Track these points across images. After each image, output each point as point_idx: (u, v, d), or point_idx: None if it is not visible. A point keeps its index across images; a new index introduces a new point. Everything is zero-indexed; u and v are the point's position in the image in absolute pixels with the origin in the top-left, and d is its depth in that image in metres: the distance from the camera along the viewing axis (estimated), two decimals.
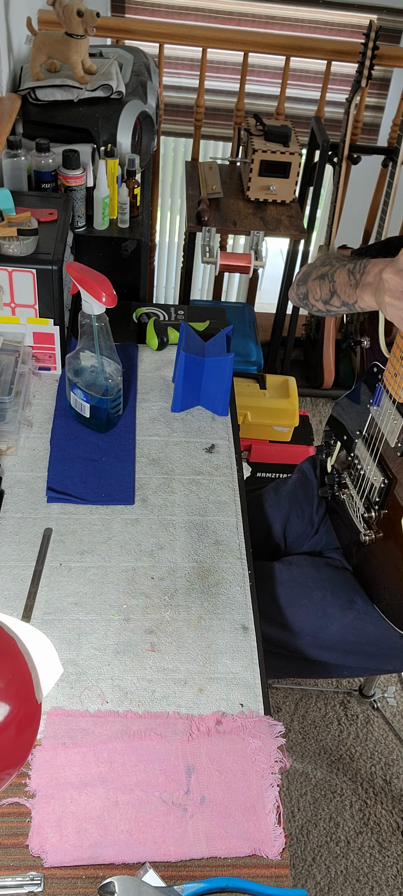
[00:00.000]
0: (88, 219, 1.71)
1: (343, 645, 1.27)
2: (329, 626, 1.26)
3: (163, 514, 1.19)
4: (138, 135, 1.84)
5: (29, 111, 1.76)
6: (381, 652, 1.27)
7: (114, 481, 1.23)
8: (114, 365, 1.28)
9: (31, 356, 1.38)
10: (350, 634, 1.25)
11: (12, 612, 1.03)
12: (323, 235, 2.74)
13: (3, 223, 1.28)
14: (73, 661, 0.98)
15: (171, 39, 2.43)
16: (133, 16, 2.95)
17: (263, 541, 1.43)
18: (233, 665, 1.00)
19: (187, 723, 0.92)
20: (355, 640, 1.26)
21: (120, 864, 0.80)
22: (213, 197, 2.35)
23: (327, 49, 2.39)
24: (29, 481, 1.22)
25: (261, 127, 2.35)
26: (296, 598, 1.28)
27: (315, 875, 1.67)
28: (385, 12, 2.97)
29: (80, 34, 1.72)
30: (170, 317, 1.59)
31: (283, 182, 2.34)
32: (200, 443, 1.33)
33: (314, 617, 1.26)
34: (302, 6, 2.95)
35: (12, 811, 0.83)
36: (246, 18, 2.99)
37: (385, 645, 1.26)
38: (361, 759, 1.88)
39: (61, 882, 0.78)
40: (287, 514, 1.44)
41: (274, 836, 0.83)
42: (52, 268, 1.29)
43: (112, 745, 0.89)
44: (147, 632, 1.02)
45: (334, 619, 1.25)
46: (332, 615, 1.25)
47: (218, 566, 1.12)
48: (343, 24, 3.00)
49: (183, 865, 0.80)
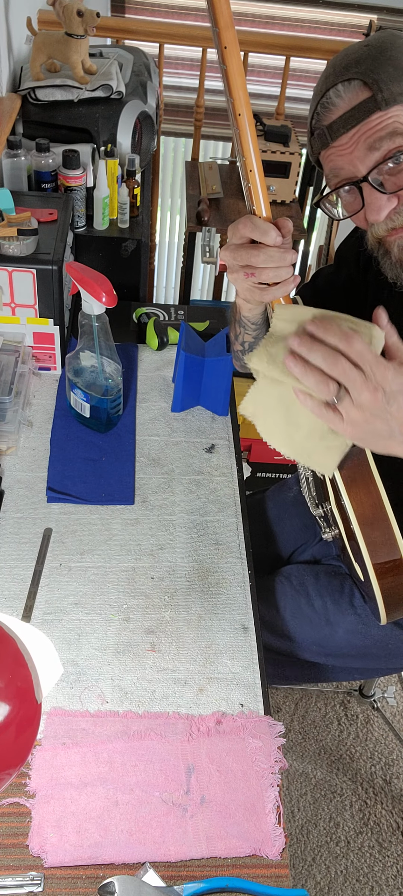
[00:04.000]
0: (88, 219, 1.71)
1: (350, 650, 1.27)
2: (333, 634, 1.25)
3: (163, 514, 1.19)
4: (138, 135, 1.84)
5: (29, 111, 1.76)
6: (387, 652, 1.27)
7: (114, 481, 1.23)
8: (114, 365, 1.28)
9: (31, 356, 1.38)
10: (356, 639, 1.24)
11: (12, 612, 1.03)
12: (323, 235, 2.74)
13: (3, 223, 1.28)
14: (73, 661, 0.98)
15: (171, 39, 2.42)
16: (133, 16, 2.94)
17: (264, 551, 1.43)
18: (233, 665, 1.00)
19: (187, 723, 0.92)
20: (361, 645, 1.25)
21: (120, 864, 0.80)
22: (213, 197, 2.35)
23: (327, 49, 2.38)
24: (29, 481, 1.21)
25: (261, 127, 2.35)
26: (299, 608, 1.27)
27: (315, 875, 1.67)
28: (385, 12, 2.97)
29: (80, 34, 1.72)
30: (170, 317, 1.59)
31: (283, 182, 2.34)
32: (200, 443, 1.33)
33: (318, 626, 1.26)
34: (302, 6, 2.95)
35: (12, 811, 0.83)
36: (246, 18, 2.98)
37: (391, 644, 1.25)
38: (361, 759, 1.88)
39: (61, 882, 0.78)
40: (287, 524, 1.44)
41: (274, 836, 0.83)
42: (52, 268, 1.29)
43: (112, 745, 0.89)
44: (147, 632, 1.02)
45: (338, 626, 1.25)
46: (335, 622, 1.25)
47: (218, 566, 1.12)
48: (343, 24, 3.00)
49: (183, 865, 0.80)
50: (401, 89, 0.87)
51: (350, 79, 0.89)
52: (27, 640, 0.86)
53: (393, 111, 0.88)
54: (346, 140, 0.91)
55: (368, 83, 0.88)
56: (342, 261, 1.22)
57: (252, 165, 0.79)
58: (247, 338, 1.13)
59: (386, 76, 0.87)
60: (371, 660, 1.30)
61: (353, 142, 0.91)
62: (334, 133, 0.92)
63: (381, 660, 1.29)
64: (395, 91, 0.87)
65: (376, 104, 0.88)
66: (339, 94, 0.91)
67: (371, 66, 0.88)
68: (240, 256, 0.85)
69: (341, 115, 0.91)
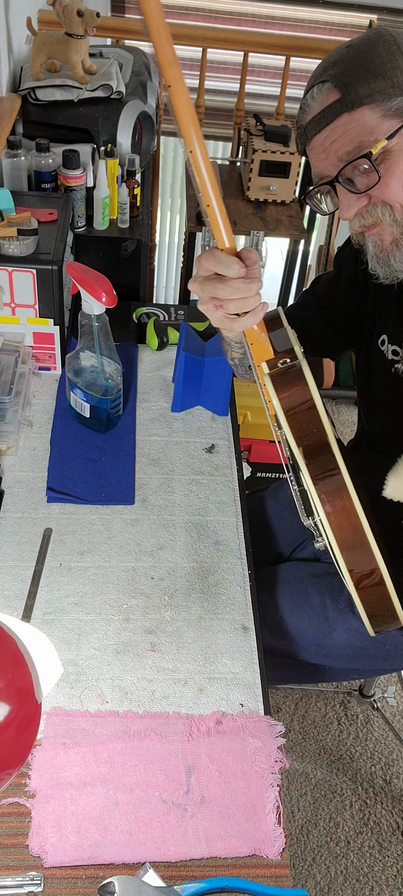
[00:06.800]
0: (88, 219, 1.71)
1: (348, 651, 1.27)
2: (331, 632, 1.25)
3: (163, 514, 1.19)
4: (138, 135, 1.84)
5: (29, 111, 1.76)
6: (385, 653, 1.27)
7: (114, 481, 1.23)
8: (114, 365, 1.28)
9: (31, 356, 1.38)
10: (355, 639, 1.24)
11: (12, 612, 1.03)
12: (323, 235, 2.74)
13: (3, 223, 1.28)
14: (73, 661, 0.98)
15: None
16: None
17: (264, 550, 1.43)
18: (233, 665, 1.00)
19: (187, 723, 0.92)
20: (359, 645, 1.25)
21: (120, 864, 0.80)
22: None
23: (327, 49, 2.38)
24: (29, 481, 1.21)
25: (261, 127, 2.35)
26: (298, 605, 1.27)
27: (315, 875, 1.67)
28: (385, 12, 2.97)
29: (80, 34, 1.72)
30: (170, 317, 1.59)
31: (283, 182, 2.34)
32: (200, 443, 1.33)
33: (316, 623, 1.26)
34: (302, 6, 2.95)
35: (12, 811, 0.83)
36: (246, 18, 2.98)
37: (389, 645, 1.25)
38: (361, 759, 1.88)
39: (61, 882, 0.78)
40: (286, 521, 1.44)
41: (274, 836, 0.83)
42: (52, 268, 1.29)
43: (112, 745, 0.89)
44: (147, 632, 1.02)
45: (335, 624, 1.25)
46: (333, 619, 1.25)
47: (218, 566, 1.12)
48: (343, 24, 3.00)
49: (183, 865, 0.80)
50: (368, 91, 0.87)
51: (324, 81, 0.91)
52: (27, 640, 0.86)
53: (358, 113, 0.88)
54: (319, 141, 0.93)
55: (338, 85, 0.89)
56: (342, 265, 1.23)
57: (210, 200, 0.79)
58: (235, 354, 1.15)
59: (355, 78, 0.88)
60: (369, 660, 1.30)
61: (327, 143, 0.92)
62: (309, 133, 0.94)
63: (378, 660, 1.29)
64: (361, 93, 0.87)
65: (343, 106, 0.88)
66: (313, 96, 0.93)
67: (344, 69, 0.89)
68: (207, 289, 0.87)
69: (313, 116, 0.93)
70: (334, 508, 0.87)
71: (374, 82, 0.87)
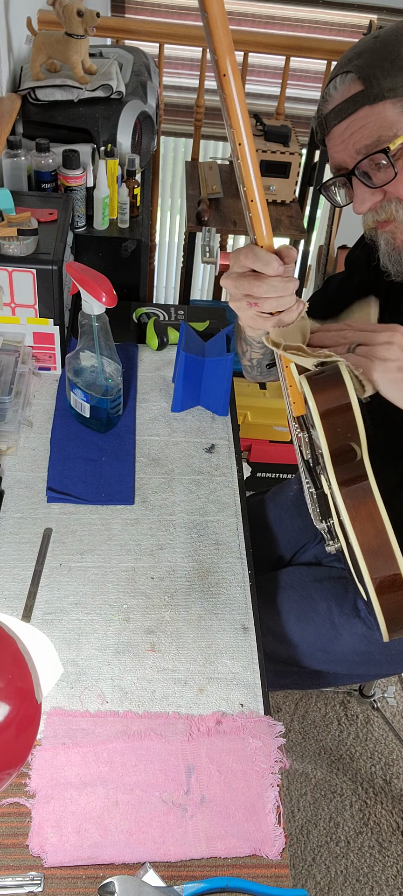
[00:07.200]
0: (88, 219, 1.71)
1: (354, 657, 1.25)
2: (338, 637, 1.24)
3: (163, 514, 1.19)
4: (138, 135, 1.84)
5: (29, 111, 1.76)
6: (389, 657, 1.26)
7: (114, 481, 1.23)
8: (114, 365, 1.28)
9: (31, 356, 1.38)
10: (361, 644, 1.24)
11: (12, 612, 1.03)
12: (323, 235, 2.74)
13: (3, 223, 1.28)
14: (73, 661, 0.98)
15: (171, 39, 2.42)
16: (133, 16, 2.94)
17: (264, 553, 1.42)
18: (233, 665, 1.00)
19: (187, 723, 0.92)
20: (365, 650, 1.24)
21: (120, 864, 0.80)
22: (213, 197, 2.35)
23: (327, 49, 2.39)
24: (29, 481, 1.21)
25: (261, 127, 2.35)
26: (303, 612, 1.26)
27: (315, 875, 1.67)
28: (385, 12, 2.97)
29: (80, 34, 1.72)
30: (170, 317, 1.59)
31: (283, 182, 2.35)
32: (200, 443, 1.33)
33: (322, 629, 1.25)
34: (302, 6, 2.95)
35: (12, 811, 0.83)
36: (246, 18, 2.98)
37: (394, 650, 1.25)
38: (361, 759, 1.88)
39: (61, 882, 0.78)
40: (287, 524, 1.44)
41: (274, 836, 0.83)
42: (52, 268, 1.29)
43: (112, 745, 0.89)
44: (147, 632, 1.02)
45: (342, 629, 1.24)
46: (340, 625, 1.24)
47: (218, 566, 1.12)
48: (343, 24, 3.00)
49: (183, 865, 0.80)
50: (392, 84, 0.86)
51: (348, 71, 0.90)
52: (27, 640, 0.86)
53: (380, 107, 0.88)
54: (339, 132, 0.93)
55: (361, 77, 0.88)
56: (353, 266, 1.22)
57: (254, 195, 0.77)
58: (255, 355, 1.13)
59: (380, 71, 0.87)
60: (374, 665, 1.29)
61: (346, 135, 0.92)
62: (329, 123, 0.94)
63: (383, 665, 1.29)
64: (385, 86, 0.87)
65: (365, 99, 0.88)
66: (336, 86, 0.92)
67: (369, 60, 0.88)
68: (242, 286, 0.84)
69: (334, 106, 0.92)
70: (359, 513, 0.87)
71: (399, 76, 0.86)
